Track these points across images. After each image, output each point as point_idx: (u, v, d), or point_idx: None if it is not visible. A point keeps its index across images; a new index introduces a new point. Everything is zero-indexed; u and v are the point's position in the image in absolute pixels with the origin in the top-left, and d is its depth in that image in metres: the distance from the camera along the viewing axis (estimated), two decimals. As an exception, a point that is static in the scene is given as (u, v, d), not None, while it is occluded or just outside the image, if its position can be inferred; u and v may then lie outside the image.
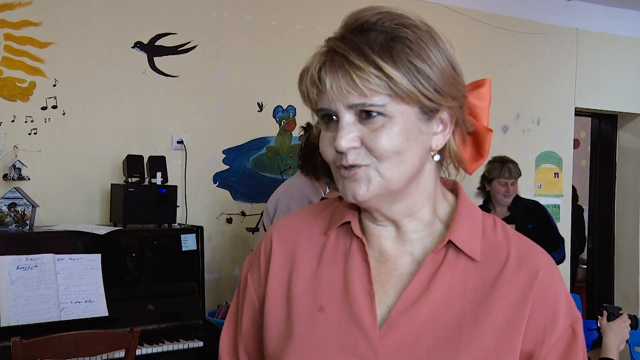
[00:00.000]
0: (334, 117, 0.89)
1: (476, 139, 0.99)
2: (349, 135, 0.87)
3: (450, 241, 0.93)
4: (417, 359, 0.88)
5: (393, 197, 0.92)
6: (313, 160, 2.78)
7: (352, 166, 0.88)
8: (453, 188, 1.01)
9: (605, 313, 2.59)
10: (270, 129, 3.94)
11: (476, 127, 0.97)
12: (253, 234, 3.74)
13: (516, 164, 3.77)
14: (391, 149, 0.87)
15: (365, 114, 0.87)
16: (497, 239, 0.95)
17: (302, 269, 0.98)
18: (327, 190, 2.82)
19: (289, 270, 0.99)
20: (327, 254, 0.98)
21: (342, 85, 0.85)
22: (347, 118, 0.88)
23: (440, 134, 0.93)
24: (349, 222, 0.98)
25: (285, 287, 0.98)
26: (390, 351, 0.89)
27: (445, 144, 0.94)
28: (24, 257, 2.76)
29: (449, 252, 0.93)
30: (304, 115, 3.72)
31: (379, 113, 0.87)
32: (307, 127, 2.98)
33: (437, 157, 0.94)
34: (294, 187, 2.88)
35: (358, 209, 1.00)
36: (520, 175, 3.79)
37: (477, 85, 0.97)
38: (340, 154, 0.89)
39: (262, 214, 3.12)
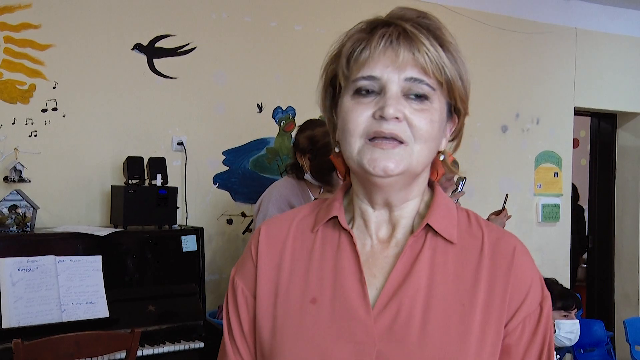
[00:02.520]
0: (369, 90, 0.93)
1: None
2: (398, 105, 0.91)
3: (428, 225, 0.98)
4: (411, 339, 0.91)
5: (409, 180, 0.97)
6: (296, 158, 2.87)
7: (392, 139, 0.91)
8: (430, 185, 1.07)
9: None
10: (270, 130, 3.95)
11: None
12: (244, 233, 3.78)
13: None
14: (430, 131, 0.93)
15: (414, 95, 0.92)
16: (472, 227, 1.01)
17: (291, 266, 1.01)
18: (321, 191, 2.83)
19: (276, 269, 1.02)
20: (316, 250, 1.01)
21: (417, 58, 0.91)
22: (396, 89, 0.92)
23: (444, 138, 1.00)
24: (336, 217, 1.01)
25: (275, 284, 1.01)
26: (385, 334, 0.92)
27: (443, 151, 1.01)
28: (25, 259, 2.77)
29: (428, 236, 0.98)
30: (304, 116, 3.72)
31: (424, 96, 0.92)
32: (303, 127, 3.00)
33: (441, 157, 1.01)
34: (274, 188, 2.90)
35: (344, 202, 1.05)
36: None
37: None
38: (379, 121, 0.91)
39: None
